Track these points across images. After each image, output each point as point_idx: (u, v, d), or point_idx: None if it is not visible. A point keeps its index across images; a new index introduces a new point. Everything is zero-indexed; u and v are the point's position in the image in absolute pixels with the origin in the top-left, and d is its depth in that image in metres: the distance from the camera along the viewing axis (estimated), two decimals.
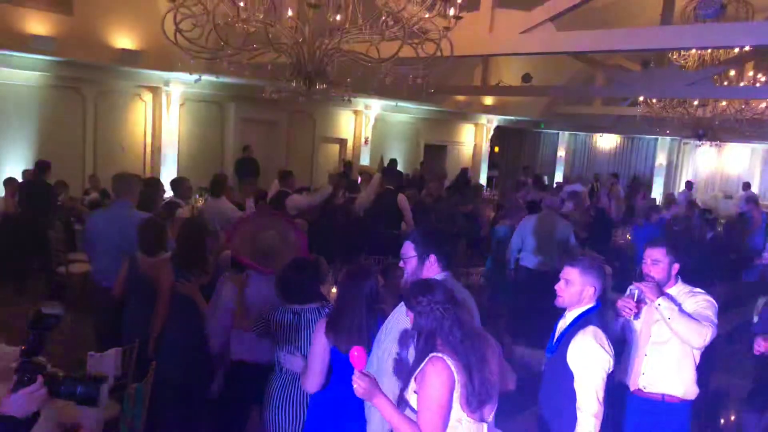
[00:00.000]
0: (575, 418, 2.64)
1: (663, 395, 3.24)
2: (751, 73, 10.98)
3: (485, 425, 2.30)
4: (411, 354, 2.38)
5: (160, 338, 3.65)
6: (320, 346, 2.72)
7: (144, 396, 3.08)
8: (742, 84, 11.31)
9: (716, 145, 15.40)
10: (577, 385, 2.67)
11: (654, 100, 12.01)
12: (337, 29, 4.75)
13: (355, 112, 14.10)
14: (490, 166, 18.68)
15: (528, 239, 6.28)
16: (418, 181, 12.53)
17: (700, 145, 15.92)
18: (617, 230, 9.60)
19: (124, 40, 9.25)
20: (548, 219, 6.29)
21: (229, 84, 10.86)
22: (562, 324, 2.88)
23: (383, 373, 2.49)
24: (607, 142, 20.38)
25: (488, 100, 15.70)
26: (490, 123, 17.43)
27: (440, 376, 2.17)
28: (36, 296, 6.83)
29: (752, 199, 11.19)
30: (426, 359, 2.22)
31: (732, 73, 10.82)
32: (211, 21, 4.14)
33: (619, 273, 7.52)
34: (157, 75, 10.12)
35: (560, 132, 20.25)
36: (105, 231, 4.71)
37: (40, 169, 7.92)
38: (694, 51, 11.24)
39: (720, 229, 10.01)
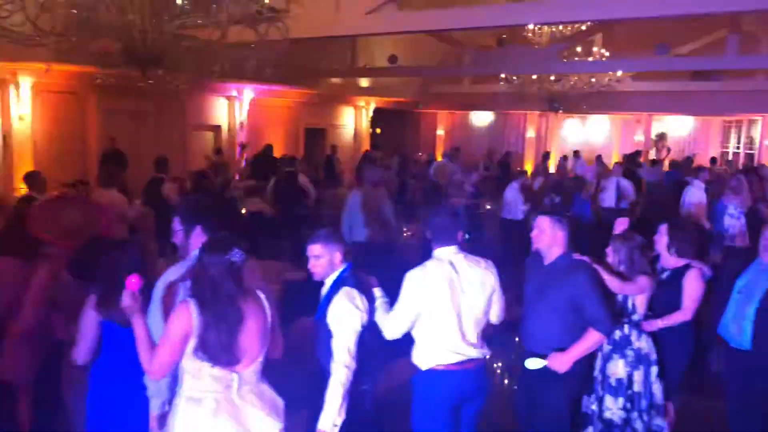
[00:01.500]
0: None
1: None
2: (595, 49, 11.87)
3: (235, 375, 2.49)
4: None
5: None
6: (89, 319, 2.87)
7: None
8: (590, 59, 12.20)
9: (578, 116, 16.47)
10: (334, 340, 2.89)
11: (514, 77, 12.72)
12: (174, 13, 4.71)
13: (228, 98, 13.85)
14: (373, 147, 19.01)
15: (357, 214, 6.41)
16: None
17: (557, 116, 17.00)
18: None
19: None
20: (373, 193, 6.53)
21: (87, 74, 10.33)
22: (323, 291, 3.09)
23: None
24: (481, 119, 21.26)
25: (364, 83, 15.94)
26: (368, 105, 17.69)
27: (180, 318, 2.42)
28: None
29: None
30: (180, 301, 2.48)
31: (579, 49, 11.66)
32: (22, 3, 3.97)
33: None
34: (1, 66, 9.47)
35: (438, 111, 20.90)
36: None
37: None
38: (546, 28, 11.99)
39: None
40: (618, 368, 3.82)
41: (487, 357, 3.24)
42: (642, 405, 3.81)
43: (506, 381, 5.17)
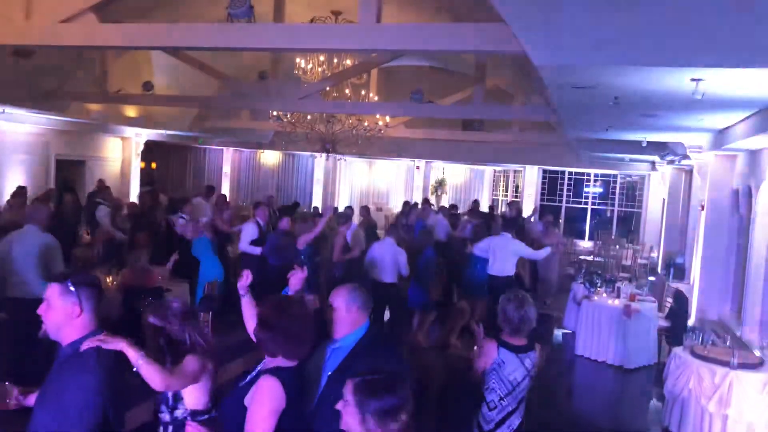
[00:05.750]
0: None
1: None
2: (363, 92, 11.78)
3: None
4: None
5: None
6: None
7: None
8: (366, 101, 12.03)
9: (364, 160, 16.43)
10: None
11: (288, 115, 12.19)
12: None
13: None
14: (147, 183, 17.38)
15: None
16: None
17: (327, 159, 17.01)
18: None
19: None
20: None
21: None
22: None
23: None
24: (270, 158, 20.63)
25: (131, 111, 14.43)
26: (138, 136, 16.09)
27: None
28: None
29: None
30: None
31: (347, 91, 11.45)
32: None
33: None
34: None
35: (224, 148, 19.85)
36: None
37: None
38: (318, 69, 11.64)
39: None
40: None
41: None
42: None
43: None
